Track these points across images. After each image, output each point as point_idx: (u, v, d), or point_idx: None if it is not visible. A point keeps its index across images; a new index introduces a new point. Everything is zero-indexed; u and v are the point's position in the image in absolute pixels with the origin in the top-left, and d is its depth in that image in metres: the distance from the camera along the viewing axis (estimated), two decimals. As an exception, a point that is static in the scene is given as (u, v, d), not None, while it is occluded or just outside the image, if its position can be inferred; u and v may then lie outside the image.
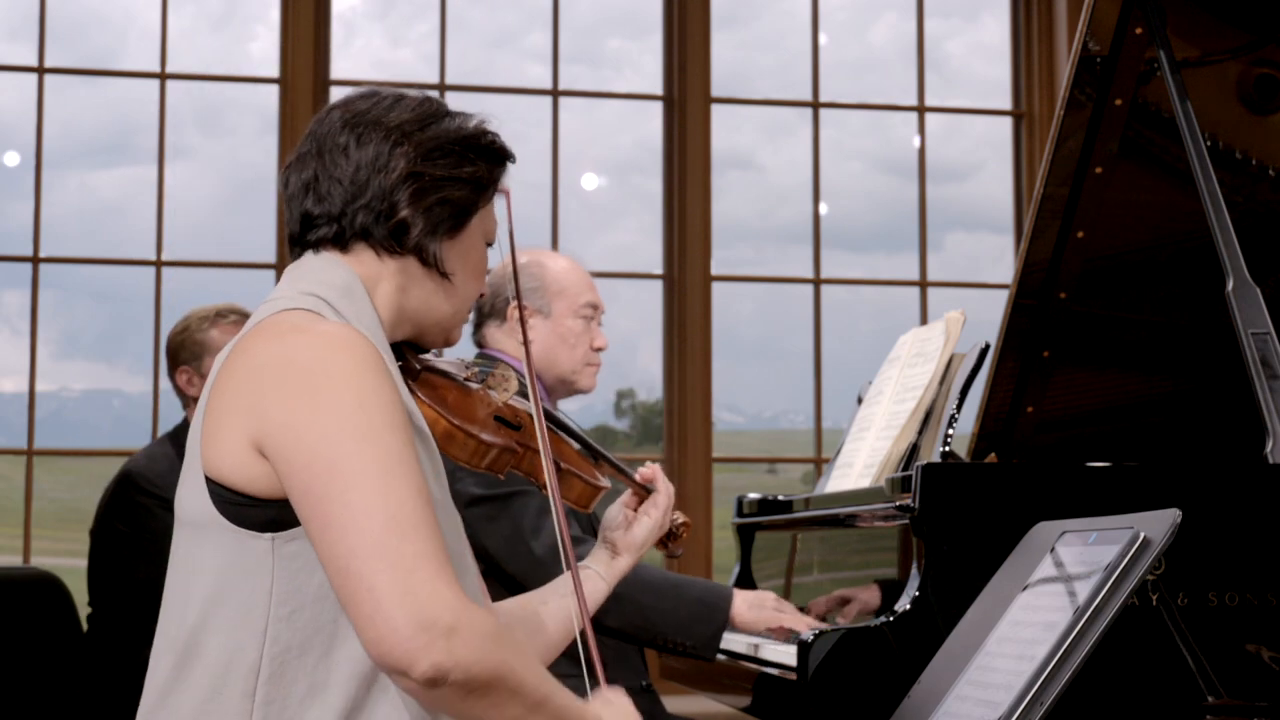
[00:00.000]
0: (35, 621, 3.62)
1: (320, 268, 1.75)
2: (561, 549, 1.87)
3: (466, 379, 1.91)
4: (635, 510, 2.11)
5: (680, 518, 2.20)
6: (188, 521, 1.66)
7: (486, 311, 3.15)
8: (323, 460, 1.53)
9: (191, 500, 1.64)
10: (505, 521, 2.81)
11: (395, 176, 1.74)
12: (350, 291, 1.72)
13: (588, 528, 2.95)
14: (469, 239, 1.81)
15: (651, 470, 2.14)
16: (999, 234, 5.74)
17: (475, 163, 1.79)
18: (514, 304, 3.09)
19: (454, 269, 1.80)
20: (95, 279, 5.26)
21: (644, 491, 2.12)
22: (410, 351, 1.85)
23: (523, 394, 1.97)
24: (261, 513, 1.59)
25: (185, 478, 1.67)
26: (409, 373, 1.82)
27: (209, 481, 1.61)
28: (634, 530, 2.09)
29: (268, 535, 1.59)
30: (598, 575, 2.04)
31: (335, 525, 1.52)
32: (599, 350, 3.16)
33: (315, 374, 1.57)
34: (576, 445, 2.08)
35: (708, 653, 2.80)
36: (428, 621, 1.48)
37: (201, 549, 1.63)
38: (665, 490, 2.12)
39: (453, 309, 1.83)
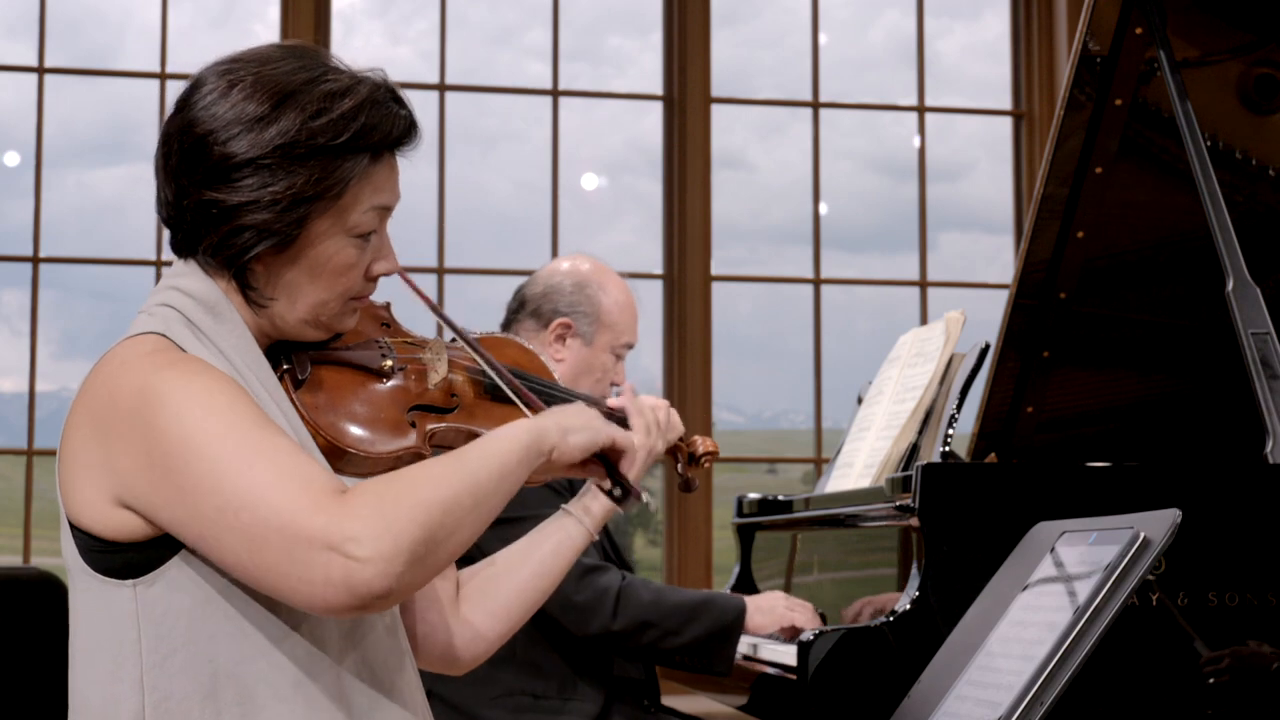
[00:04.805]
0: (35, 621, 3.62)
1: (180, 273, 1.63)
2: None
3: (383, 368, 1.69)
4: None
5: (704, 445, 1.96)
6: (67, 566, 1.60)
7: (531, 309, 3.04)
8: (178, 490, 1.47)
9: (64, 545, 1.59)
10: None
11: (191, 200, 1.57)
12: (213, 306, 1.60)
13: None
14: (313, 248, 1.58)
15: (623, 400, 1.85)
16: (993, 234, 5.74)
17: (296, 172, 1.54)
18: (560, 320, 3.02)
19: (283, 288, 1.60)
20: (95, 279, 5.26)
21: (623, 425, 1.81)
22: (299, 353, 1.65)
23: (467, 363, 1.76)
24: (121, 557, 1.53)
25: (61, 520, 1.59)
26: (293, 381, 1.64)
27: (72, 528, 1.56)
28: None
29: (129, 582, 1.53)
30: (574, 520, 1.80)
31: (214, 539, 1.46)
32: (614, 386, 3.07)
33: (142, 412, 1.49)
34: (533, 406, 1.75)
35: (725, 671, 2.79)
36: (336, 551, 1.39)
37: (74, 597, 1.59)
38: (641, 425, 1.81)
39: (308, 314, 1.62)
